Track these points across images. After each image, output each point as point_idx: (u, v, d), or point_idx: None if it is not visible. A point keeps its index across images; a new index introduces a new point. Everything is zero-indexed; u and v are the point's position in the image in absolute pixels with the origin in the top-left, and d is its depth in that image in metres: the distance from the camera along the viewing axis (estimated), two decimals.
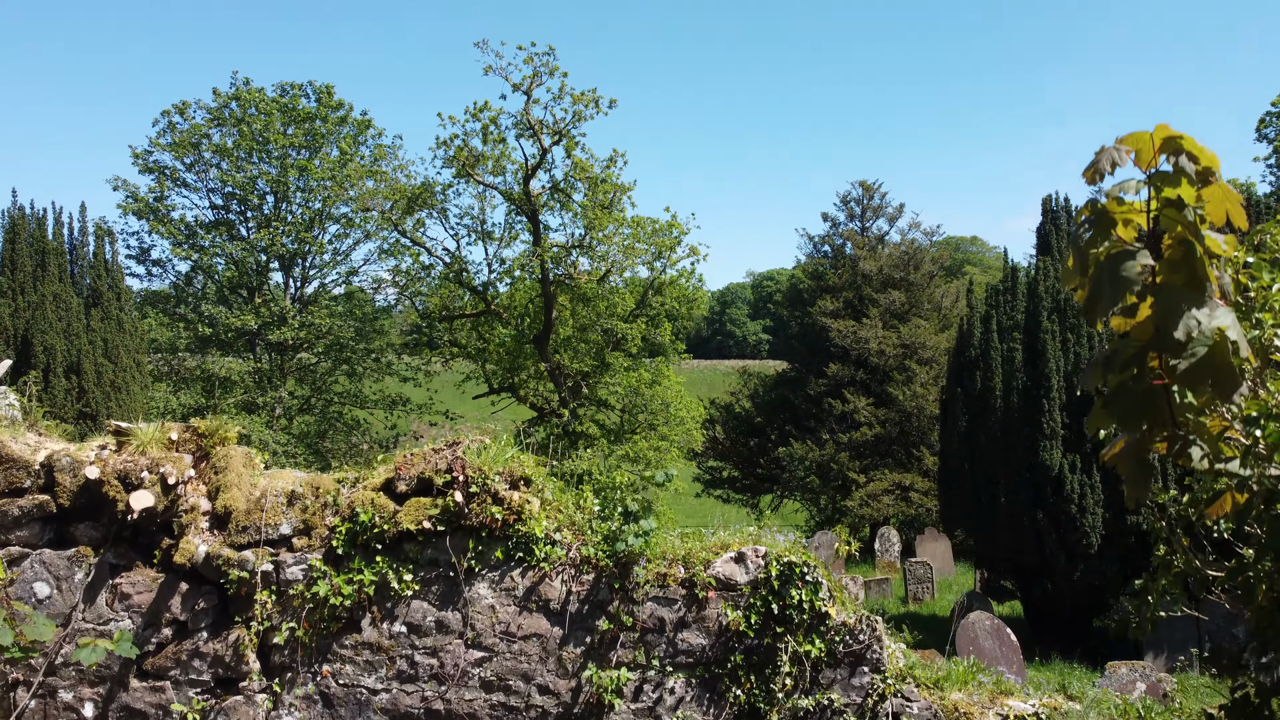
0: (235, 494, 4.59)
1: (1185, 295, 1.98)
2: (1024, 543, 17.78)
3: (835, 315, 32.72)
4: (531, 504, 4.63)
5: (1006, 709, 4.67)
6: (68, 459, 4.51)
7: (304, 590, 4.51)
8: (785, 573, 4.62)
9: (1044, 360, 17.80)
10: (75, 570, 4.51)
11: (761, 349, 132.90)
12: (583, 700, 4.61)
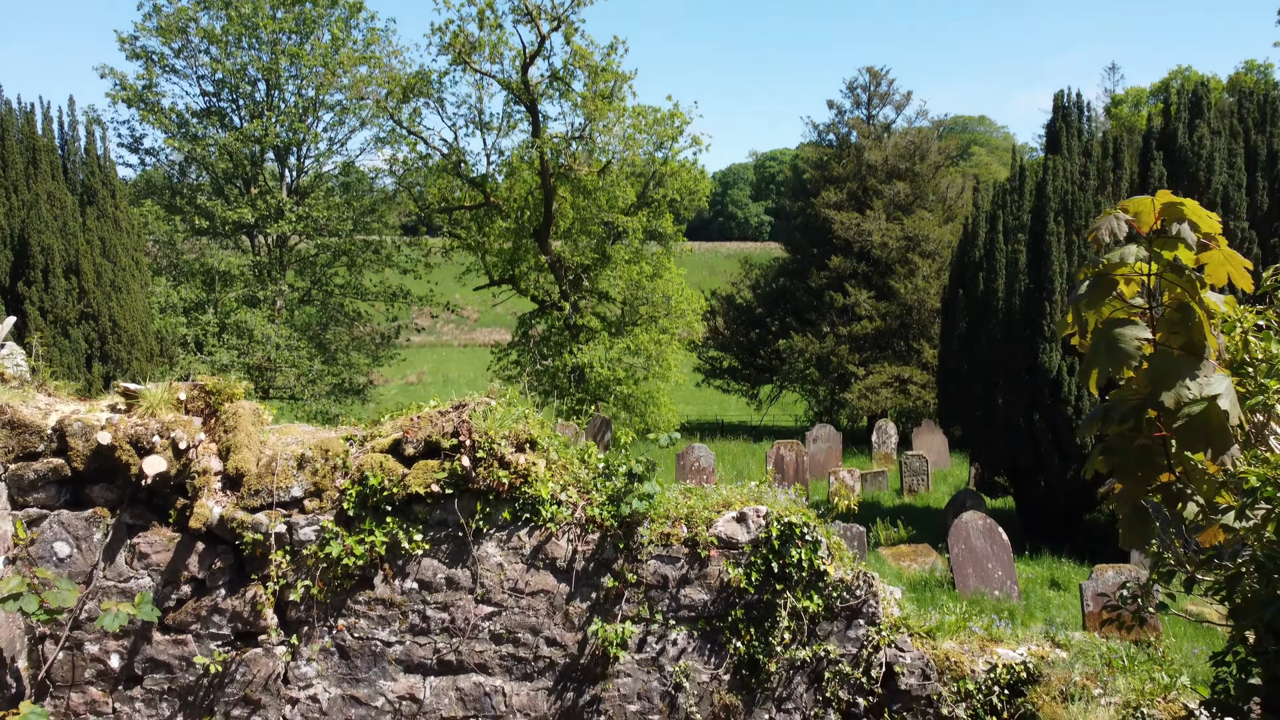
0: (245, 455, 4.66)
1: (1180, 363, 2.00)
2: (1019, 443, 18.06)
3: (839, 207, 32.36)
4: (537, 466, 4.71)
5: (995, 657, 4.86)
6: (79, 424, 4.57)
7: (317, 550, 4.65)
8: (785, 532, 4.74)
9: (1048, 263, 17.71)
10: (94, 531, 4.63)
11: (763, 231, 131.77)
12: (589, 652, 4.80)
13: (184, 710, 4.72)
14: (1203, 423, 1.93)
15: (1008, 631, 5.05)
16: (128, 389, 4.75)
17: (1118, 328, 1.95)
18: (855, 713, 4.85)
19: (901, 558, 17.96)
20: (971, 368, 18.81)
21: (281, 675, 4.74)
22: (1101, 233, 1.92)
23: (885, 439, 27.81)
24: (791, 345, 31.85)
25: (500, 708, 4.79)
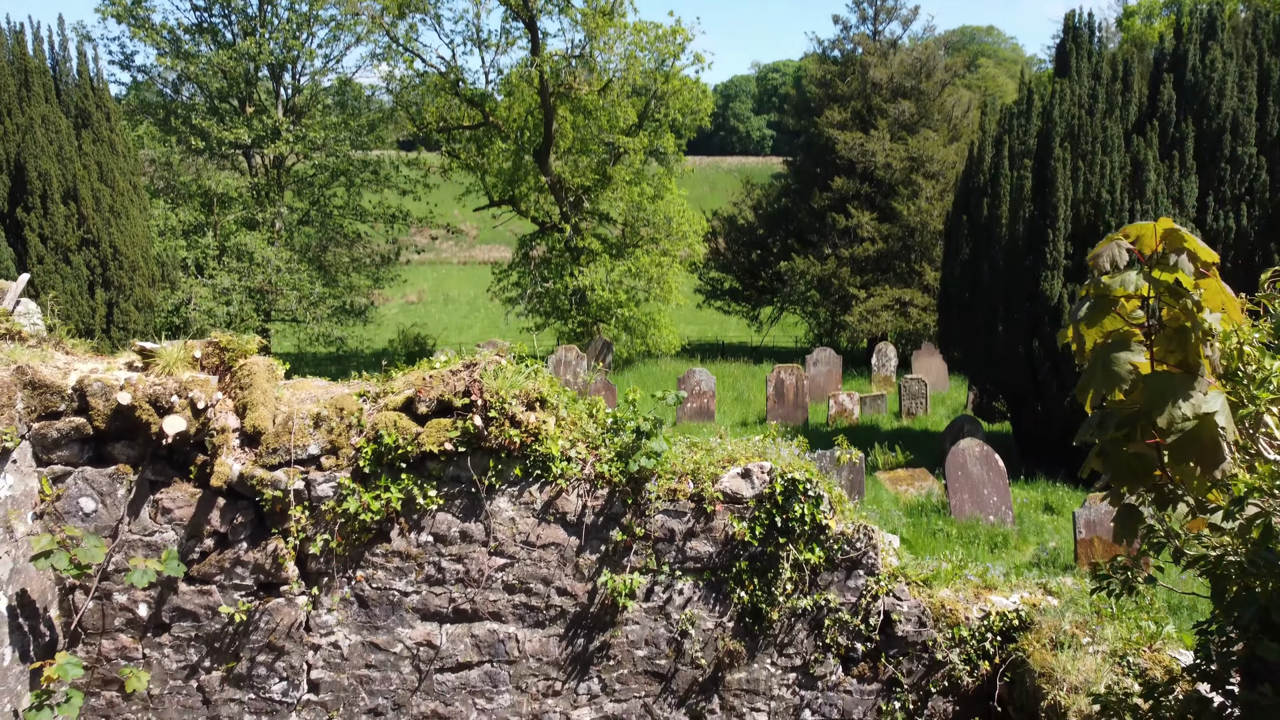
0: (262, 412, 4.77)
1: (1174, 383, 2.08)
2: (1018, 370, 18.22)
3: (842, 127, 31.93)
4: (547, 424, 4.83)
5: (989, 605, 5.05)
6: (99, 384, 4.66)
7: (335, 506, 4.79)
8: (789, 488, 4.88)
9: (1053, 189, 17.60)
10: (117, 487, 4.76)
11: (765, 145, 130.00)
12: (598, 601, 4.99)
13: (211, 655, 4.93)
14: (1195, 438, 2.02)
15: (1001, 578, 5.23)
16: (144, 348, 4.83)
17: (1114, 351, 2.03)
18: (853, 657, 5.07)
19: (899, 482, 18.28)
20: (973, 294, 18.85)
21: (304, 623, 4.94)
22: (1102, 259, 1.98)
23: (885, 362, 27.99)
24: (793, 267, 31.80)
25: (514, 653, 5.00)
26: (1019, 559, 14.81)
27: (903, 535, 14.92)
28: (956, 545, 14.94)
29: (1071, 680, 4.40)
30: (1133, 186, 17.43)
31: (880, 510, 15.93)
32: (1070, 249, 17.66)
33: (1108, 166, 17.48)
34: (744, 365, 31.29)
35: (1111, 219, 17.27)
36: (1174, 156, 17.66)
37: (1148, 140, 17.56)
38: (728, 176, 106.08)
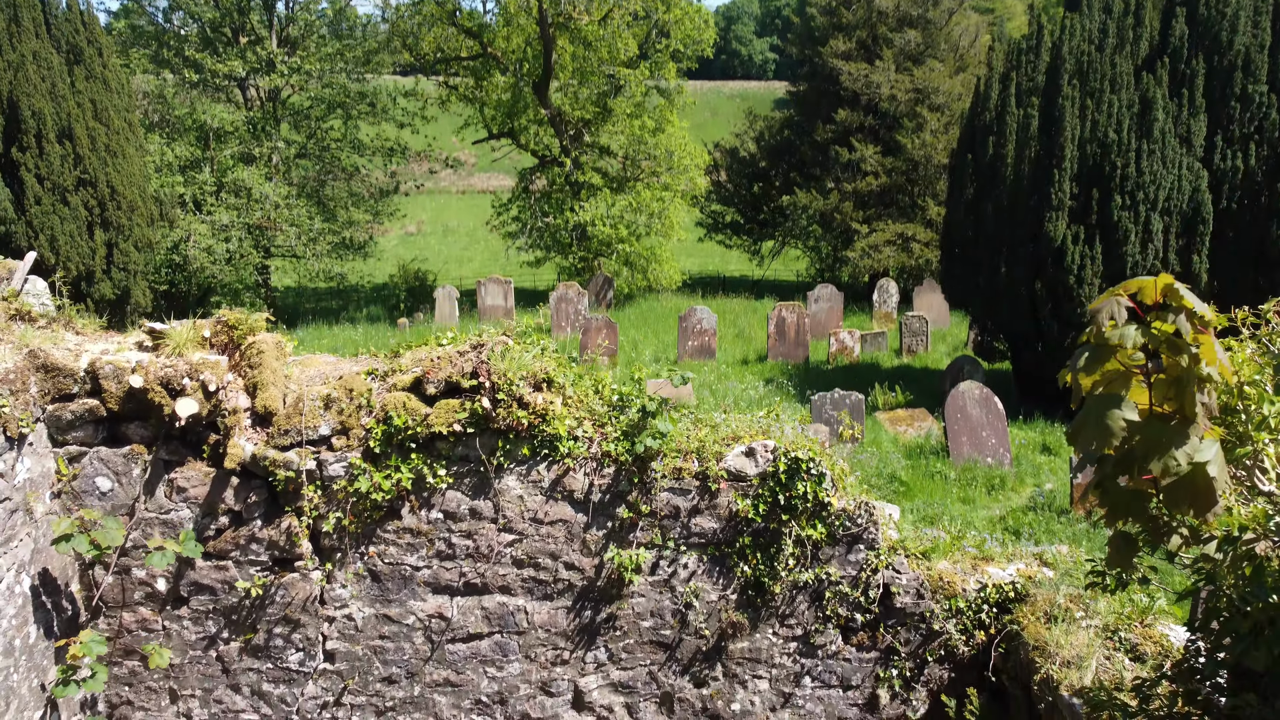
0: (273, 392, 4.83)
1: (1170, 433, 2.13)
2: (1020, 310, 18.23)
3: (847, 57, 31.34)
4: (554, 405, 4.89)
5: (986, 577, 5.18)
6: (110, 366, 4.71)
7: (346, 485, 4.88)
8: (792, 467, 4.96)
9: (1060, 129, 17.39)
10: (132, 466, 4.85)
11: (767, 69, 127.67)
12: (605, 575, 5.12)
13: (229, 627, 5.08)
14: (1189, 484, 2.08)
15: (998, 549, 5.35)
16: (153, 328, 4.87)
17: (1108, 406, 2.08)
18: (853, 627, 5.21)
19: (898, 422, 18.45)
20: (976, 234, 18.77)
21: (318, 597, 5.07)
22: (1102, 315, 2.02)
23: (886, 298, 27.97)
24: (795, 201, 31.54)
25: (523, 624, 5.15)
26: (1016, 501, 15.03)
27: (901, 478, 15.13)
28: (954, 487, 15.17)
29: (1064, 655, 4.54)
30: (1140, 126, 17.22)
31: (880, 452, 16.12)
32: (1075, 189, 17.53)
33: (1116, 105, 17.25)
34: (745, 300, 31.27)
35: (1118, 159, 17.12)
36: (1183, 95, 17.41)
37: (1157, 78, 17.29)
38: (729, 102, 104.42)
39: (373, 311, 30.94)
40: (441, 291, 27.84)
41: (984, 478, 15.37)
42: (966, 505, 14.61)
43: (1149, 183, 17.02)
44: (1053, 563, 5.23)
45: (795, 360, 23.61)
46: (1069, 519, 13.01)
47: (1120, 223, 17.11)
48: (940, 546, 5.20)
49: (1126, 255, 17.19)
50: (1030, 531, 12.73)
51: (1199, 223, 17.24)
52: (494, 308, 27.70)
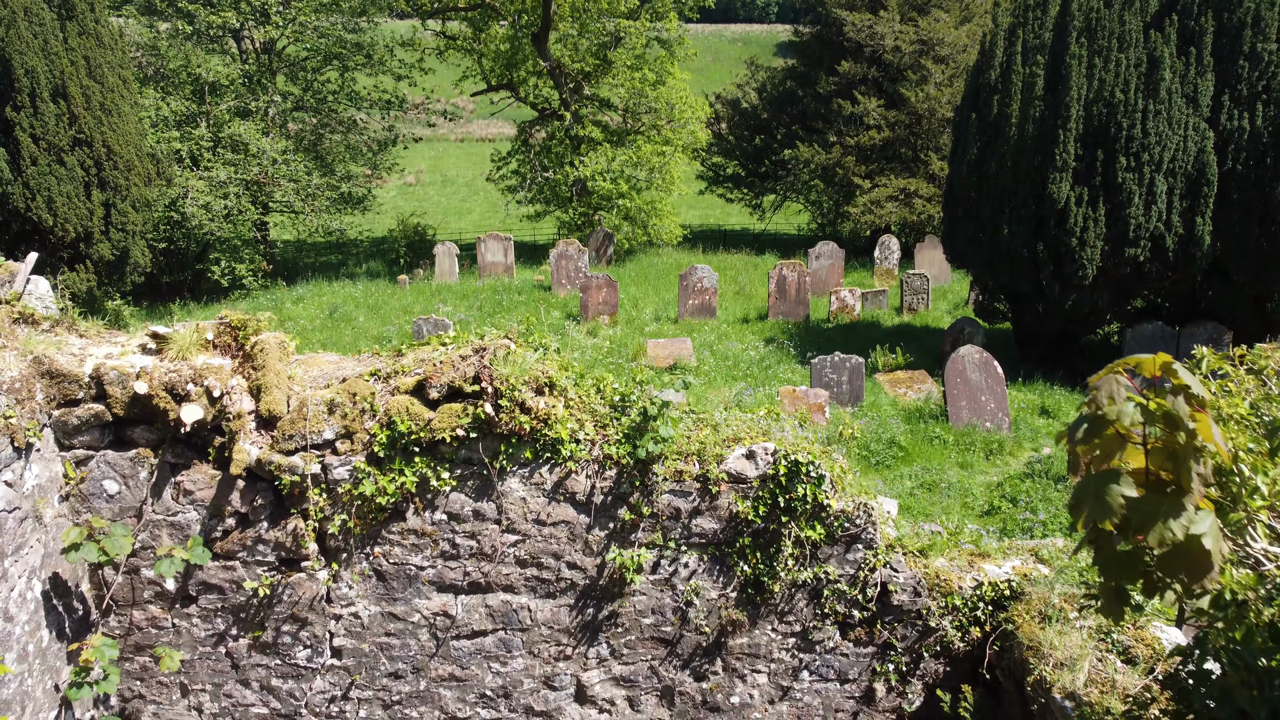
0: (276, 395, 4.86)
1: (1165, 506, 2.17)
2: (1022, 271, 18.18)
3: (851, 6, 30.85)
4: (557, 409, 4.92)
5: (982, 574, 5.26)
6: (115, 372, 4.73)
7: (351, 489, 4.93)
8: (792, 469, 5.01)
9: (1066, 88, 17.18)
10: (139, 469, 4.89)
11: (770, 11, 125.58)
12: (606, 574, 5.19)
13: (238, 624, 5.17)
14: (1184, 552, 2.12)
15: (994, 545, 5.42)
16: (156, 332, 4.88)
17: (1107, 482, 2.11)
18: (850, 623, 5.31)
19: (898, 384, 18.51)
20: (979, 194, 18.64)
21: (325, 596, 5.16)
22: (1101, 394, 2.04)
23: (888, 254, 27.86)
24: (797, 155, 31.26)
25: (526, 621, 5.24)
26: (1014, 466, 15.15)
27: (900, 443, 15.22)
28: (953, 452, 15.28)
29: (1057, 656, 4.63)
30: (1147, 85, 17.01)
31: (879, 416, 16.20)
32: (1080, 150, 17.37)
33: (1123, 64, 17.02)
34: (746, 256, 31.14)
35: (1124, 120, 16.94)
36: (1190, 53, 17.17)
37: (1165, 35, 17.04)
38: (731, 46, 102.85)
39: (372, 267, 30.85)
40: (441, 248, 27.73)
41: (982, 442, 15.48)
42: (965, 470, 14.73)
43: (1154, 144, 16.86)
44: (1049, 560, 5.31)
45: (796, 318, 23.61)
46: (1065, 486, 13.13)
47: (1124, 184, 16.99)
48: (938, 544, 5.28)
49: (1130, 217, 17.10)
50: (1027, 499, 12.86)
51: (1203, 184, 17.12)
52: (494, 264, 27.61)
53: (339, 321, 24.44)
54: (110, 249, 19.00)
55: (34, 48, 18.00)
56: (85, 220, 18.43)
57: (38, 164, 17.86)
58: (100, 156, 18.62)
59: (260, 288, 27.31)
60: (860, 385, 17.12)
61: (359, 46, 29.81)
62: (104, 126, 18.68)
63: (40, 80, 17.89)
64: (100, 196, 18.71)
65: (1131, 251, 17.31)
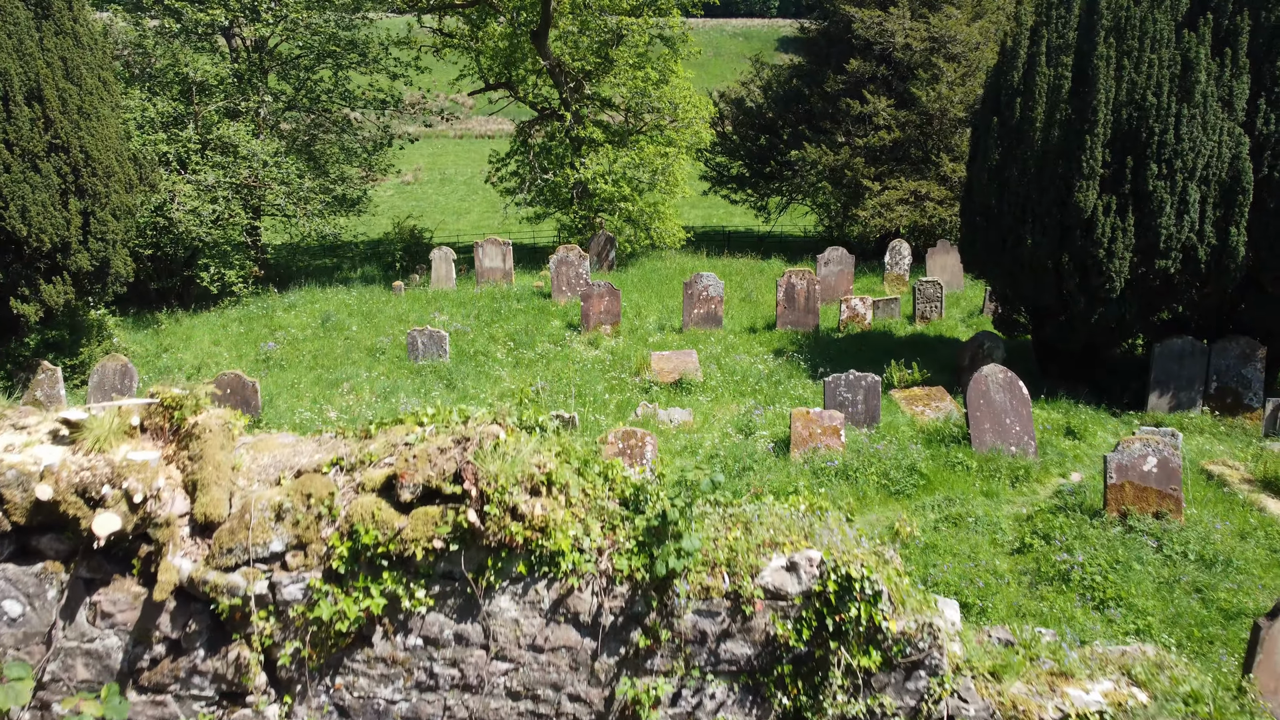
0: (215, 495, 3.98)
1: None
2: (1045, 284, 17.27)
3: (859, 3, 29.87)
4: (556, 514, 4.04)
5: (1066, 701, 4.38)
6: (13, 471, 3.85)
7: (305, 611, 4.06)
8: (843, 586, 4.13)
9: (1094, 91, 16.25)
10: (46, 587, 4.02)
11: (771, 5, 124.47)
12: (616, 709, 4.32)
13: None
14: None
15: (1077, 662, 4.54)
16: (68, 420, 4.00)
17: None
18: None
19: (915, 402, 17.62)
20: (1000, 202, 17.71)
21: None
22: None
23: (898, 259, 26.96)
24: (804, 157, 30.31)
25: None
26: (1042, 494, 14.26)
27: (921, 470, 14.34)
28: (976, 479, 14.40)
29: None
30: (1180, 88, 16.09)
31: (898, 440, 15.31)
32: (1108, 156, 16.45)
33: (1155, 66, 16.09)
34: (751, 260, 30.25)
35: (1156, 124, 16.02)
36: (1225, 54, 16.24)
37: (1200, 35, 16.10)
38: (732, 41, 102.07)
39: (368, 271, 29.96)
40: (438, 253, 26.86)
41: (1008, 468, 14.59)
42: (990, 500, 13.84)
43: (1187, 150, 15.95)
44: (1145, 681, 4.42)
45: (805, 328, 22.73)
46: (1102, 522, 12.23)
47: (1155, 192, 16.07)
48: (1012, 666, 4.39)
49: (1160, 227, 16.19)
50: (1062, 538, 11.95)
51: (1238, 192, 16.20)
52: (492, 270, 26.73)
53: (331, 330, 23.56)
54: (89, 259, 18.10)
55: (7, 49, 17.09)
56: (62, 230, 17.52)
57: (11, 171, 16.95)
58: (78, 162, 17.71)
59: (251, 294, 26.45)
60: (876, 405, 16.24)
61: (353, 44, 28.84)
62: (82, 131, 17.77)
63: (14, 83, 16.97)
64: (78, 205, 17.80)
65: (1162, 263, 16.40)
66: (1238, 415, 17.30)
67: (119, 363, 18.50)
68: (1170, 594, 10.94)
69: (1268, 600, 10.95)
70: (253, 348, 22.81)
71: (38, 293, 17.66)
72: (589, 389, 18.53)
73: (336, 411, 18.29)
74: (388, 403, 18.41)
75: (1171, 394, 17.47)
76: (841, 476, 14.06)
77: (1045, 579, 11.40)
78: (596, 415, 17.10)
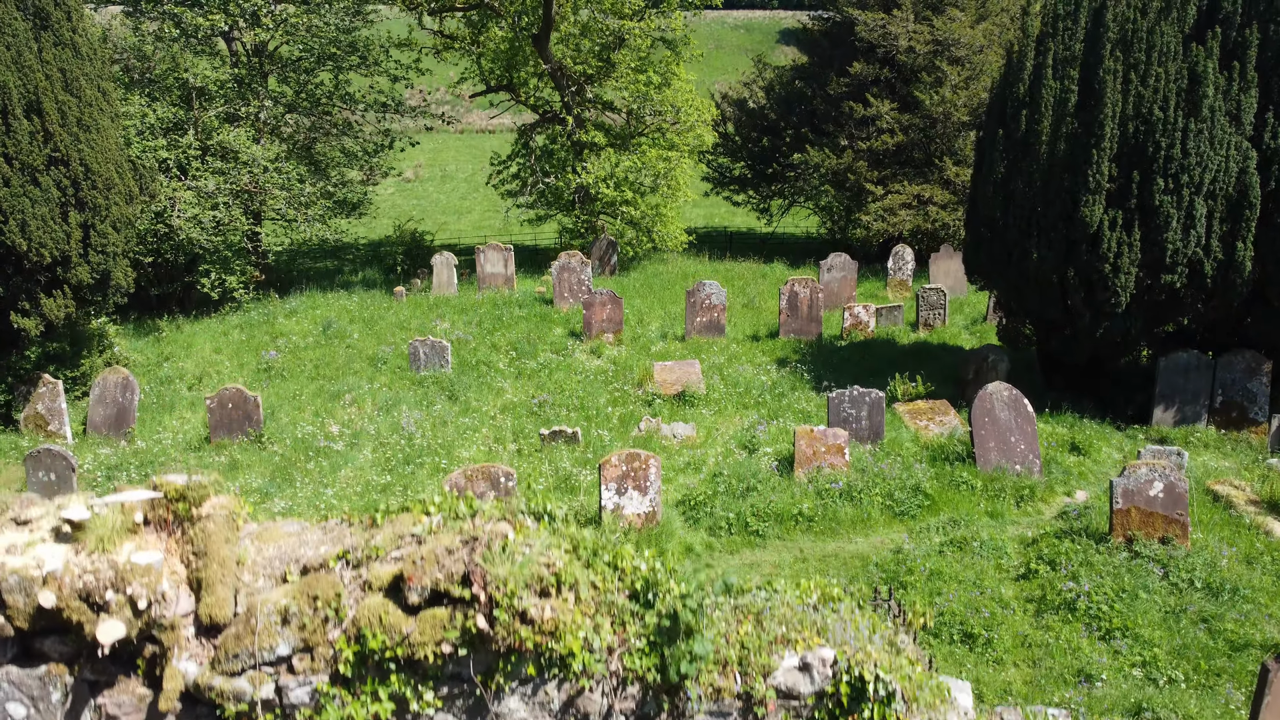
0: (221, 594, 3.93)
1: None
2: (1050, 297, 17.22)
3: (862, 5, 29.70)
4: (566, 615, 3.98)
5: None
6: (15, 577, 3.80)
7: (312, 715, 4.01)
8: (856, 687, 4.08)
9: (1100, 105, 16.15)
10: (50, 690, 3.97)
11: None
12: None
13: None
14: None
15: None
16: (70, 520, 3.94)
17: None
18: None
19: (919, 416, 17.58)
20: (1005, 215, 17.64)
21: None
22: None
23: (901, 265, 26.89)
24: (807, 160, 30.20)
25: None
26: (1046, 515, 14.23)
27: (926, 490, 14.32)
28: (981, 499, 14.37)
29: None
30: (1188, 103, 15.99)
31: (903, 458, 15.28)
32: (1114, 170, 16.37)
33: (1161, 79, 15.99)
34: (754, 265, 30.17)
35: (1163, 139, 15.94)
36: (1234, 67, 16.13)
37: (1208, 49, 15.99)
38: (733, 33, 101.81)
39: (369, 275, 29.89)
40: (439, 258, 26.78)
41: (1012, 487, 14.58)
42: (995, 521, 13.83)
43: (1194, 165, 15.86)
44: None
45: (808, 336, 22.69)
46: (1108, 547, 12.18)
47: (1162, 207, 16.01)
48: None
49: (1166, 242, 16.13)
50: (1067, 564, 11.91)
51: (1245, 206, 16.14)
52: (494, 275, 26.66)
53: (333, 338, 23.50)
54: (89, 272, 18.04)
55: (5, 61, 16.99)
56: (62, 244, 17.45)
57: (10, 185, 16.88)
58: (78, 175, 17.63)
59: (252, 300, 26.39)
60: (880, 421, 16.19)
61: (353, 46, 28.69)
62: (81, 144, 17.68)
63: (13, 96, 16.88)
64: (78, 218, 17.73)
65: (1168, 278, 16.35)
66: (1243, 429, 17.26)
67: (120, 375, 18.46)
68: (1177, 624, 10.92)
69: (1275, 630, 10.92)
70: (254, 356, 22.76)
71: (38, 306, 17.61)
72: (591, 401, 18.49)
73: (338, 425, 18.26)
74: (389, 416, 18.38)
75: (1176, 408, 17.42)
76: (845, 497, 14.04)
77: (1051, 607, 11.37)
78: (599, 430, 17.07)
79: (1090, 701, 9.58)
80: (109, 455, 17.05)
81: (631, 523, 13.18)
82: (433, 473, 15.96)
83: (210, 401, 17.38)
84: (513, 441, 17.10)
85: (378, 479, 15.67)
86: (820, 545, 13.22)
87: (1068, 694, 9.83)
